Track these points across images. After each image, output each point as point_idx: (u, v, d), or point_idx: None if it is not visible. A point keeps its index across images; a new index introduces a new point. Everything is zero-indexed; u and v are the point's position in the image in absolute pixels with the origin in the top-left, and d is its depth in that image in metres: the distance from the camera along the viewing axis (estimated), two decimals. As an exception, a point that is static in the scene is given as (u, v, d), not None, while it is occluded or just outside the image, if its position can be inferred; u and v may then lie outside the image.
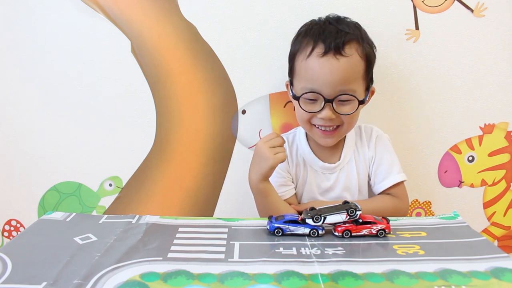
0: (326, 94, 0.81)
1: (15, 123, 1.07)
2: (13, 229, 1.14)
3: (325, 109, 0.82)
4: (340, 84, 0.81)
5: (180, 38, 1.02)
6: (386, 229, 0.64)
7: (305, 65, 0.83)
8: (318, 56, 0.81)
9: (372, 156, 0.93)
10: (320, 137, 0.87)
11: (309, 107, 0.84)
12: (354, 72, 0.82)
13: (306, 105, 0.84)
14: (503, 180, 1.09)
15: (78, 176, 1.10)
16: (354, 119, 0.86)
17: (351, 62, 0.81)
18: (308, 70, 0.83)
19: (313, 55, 0.82)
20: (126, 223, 0.68)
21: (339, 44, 0.81)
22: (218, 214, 1.11)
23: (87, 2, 1.00)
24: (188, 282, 0.50)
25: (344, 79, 0.81)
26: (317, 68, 0.81)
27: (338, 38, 0.81)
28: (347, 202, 0.68)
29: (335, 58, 0.80)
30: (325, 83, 0.81)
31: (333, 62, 0.80)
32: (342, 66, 0.80)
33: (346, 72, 0.81)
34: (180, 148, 1.08)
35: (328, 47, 0.80)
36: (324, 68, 0.81)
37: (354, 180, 0.92)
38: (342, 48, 0.81)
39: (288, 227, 0.64)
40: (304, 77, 0.84)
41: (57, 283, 0.49)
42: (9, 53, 1.04)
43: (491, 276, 0.51)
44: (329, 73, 0.80)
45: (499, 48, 1.02)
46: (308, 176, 0.93)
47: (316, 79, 0.82)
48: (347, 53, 0.81)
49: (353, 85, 0.82)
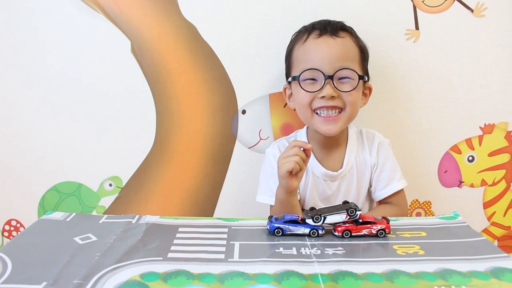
0: (325, 70, 0.82)
1: (15, 123, 1.07)
2: (13, 229, 1.14)
3: (326, 86, 0.82)
4: (338, 60, 0.83)
5: (180, 38, 1.02)
6: (386, 229, 0.64)
7: (303, 49, 0.86)
8: (315, 38, 0.85)
9: (375, 163, 0.92)
10: (323, 123, 0.86)
11: (310, 87, 0.84)
12: (351, 52, 0.86)
13: (306, 86, 0.85)
14: (503, 180, 1.09)
15: (78, 176, 1.10)
16: (356, 101, 0.86)
17: (347, 43, 0.85)
18: (306, 52, 0.86)
19: (309, 39, 0.86)
20: (126, 223, 0.68)
21: (334, 28, 0.86)
22: (218, 214, 1.11)
23: (87, 2, 1.00)
24: (188, 282, 0.50)
25: (342, 55, 0.83)
26: (314, 47, 0.85)
27: (332, 24, 0.87)
28: (347, 202, 0.68)
29: (331, 38, 0.84)
30: (324, 59, 0.83)
31: (329, 40, 0.84)
32: (339, 44, 0.84)
33: (343, 50, 0.84)
34: (180, 148, 1.08)
35: (324, 30, 0.85)
36: (322, 46, 0.84)
37: (353, 188, 0.91)
38: (336, 31, 0.85)
39: (288, 227, 0.64)
40: (302, 60, 0.86)
41: (57, 283, 0.49)
42: (9, 53, 1.04)
43: (491, 276, 0.51)
44: (326, 49, 0.84)
45: (499, 48, 1.02)
46: (309, 182, 0.92)
47: (314, 57, 0.84)
48: (342, 35, 0.85)
49: (351, 64, 0.84)
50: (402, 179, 0.92)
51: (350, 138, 0.93)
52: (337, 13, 0.99)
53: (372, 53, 0.95)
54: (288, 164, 0.77)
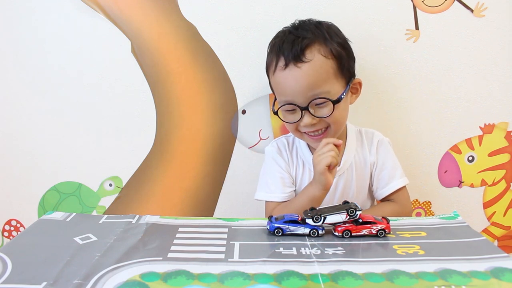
0: (299, 102, 0.82)
1: (15, 123, 1.07)
2: (13, 229, 1.14)
3: (304, 116, 0.82)
4: (309, 90, 0.80)
5: (180, 38, 1.02)
6: (386, 229, 0.64)
7: (274, 80, 0.86)
8: (281, 70, 0.82)
9: (374, 161, 0.92)
10: (312, 142, 0.88)
11: (290, 118, 0.85)
12: (322, 74, 0.81)
13: (287, 117, 0.86)
14: (503, 180, 1.09)
15: (78, 176, 1.10)
16: (339, 118, 0.85)
17: (315, 65, 0.81)
18: (277, 84, 0.85)
19: (277, 70, 0.84)
20: (126, 223, 0.68)
21: (297, 52, 0.80)
22: (218, 214, 1.11)
23: (87, 2, 1.00)
24: (188, 282, 0.50)
25: (311, 84, 0.80)
26: (283, 81, 0.83)
27: (296, 45, 0.81)
28: (347, 202, 0.68)
29: (297, 67, 0.80)
30: (294, 92, 0.81)
31: (295, 71, 0.81)
32: (306, 72, 0.80)
33: (312, 77, 0.80)
34: (180, 148, 1.08)
35: (287, 58, 0.81)
36: (288, 79, 0.82)
37: (352, 186, 0.91)
38: (302, 55, 0.80)
39: (288, 227, 0.64)
40: (277, 92, 0.87)
41: (57, 283, 0.49)
42: (9, 53, 1.04)
43: (491, 276, 0.51)
44: (294, 83, 0.81)
45: (499, 48, 1.02)
46: (307, 180, 0.92)
47: (285, 91, 0.83)
48: (308, 58, 0.80)
49: (324, 87, 0.81)
50: (404, 177, 0.92)
51: (349, 137, 0.93)
52: (337, 13, 0.99)
53: (372, 53, 0.95)
54: (326, 159, 0.78)
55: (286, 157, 0.94)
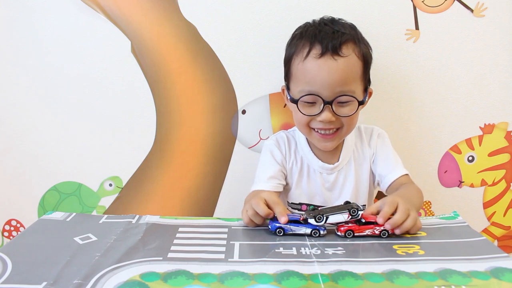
0: (325, 96, 0.80)
1: (15, 123, 1.07)
2: (13, 229, 1.14)
3: (325, 111, 0.80)
4: (338, 85, 0.79)
5: (180, 38, 1.02)
6: (389, 230, 0.64)
7: (302, 68, 0.82)
8: (316, 58, 0.80)
9: (373, 153, 0.92)
10: (319, 141, 0.86)
11: (308, 110, 0.82)
12: (352, 72, 0.81)
13: (304, 108, 0.83)
14: (503, 180, 1.09)
15: (78, 176, 1.10)
16: (354, 120, 0.85)
17: (349, 62, 0.80)
18: (306, 72, 0.81)
19: (310, 57, 0.80)
20: (126, 223, 0.68)
21: (336, 45, 0.79)
22: (218, 214, 1.11)
23: (87, 2, 1.00)
24: (188, 282, 0.50)
25: (343, 80, 0.79)
26: (315, 69, 0.80)
27: (335, 38, 0.80)
28: (349, 202, 0.68)
29: (333, 59, 0.79)
30: (324, 84, 0.79)
31: (331, 63, 0.79)
32: (340, 66, 0.79)
33: (344, 73, 0.79)
34: (180, 148, 1.08)
35: (326, 47, 0.79)
36: (322, 69, 0.79)
37: (352, 181, 0.91)
38: (339, 49, 0.79)
39: (290, 227, 0.64)
40: (301, 80, 0.82)
41: (57, 283, 0.49)
42: (9, 53, 1.04)
43: (491, 276, 0.51)
44: (327, 74, 0.79)
45: (499, 48, 1.02)
46: (305, 175, 0.92)
47: (314, 81, 0.80)
48: (345, 54, 0.80)
49: (352, 86, 0.81)
50: (404, 168, 0.90)
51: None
52: (336, 13, 0.99)
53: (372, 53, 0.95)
54: (245, 218, 0.70)
55: (284, 151, 0.93)
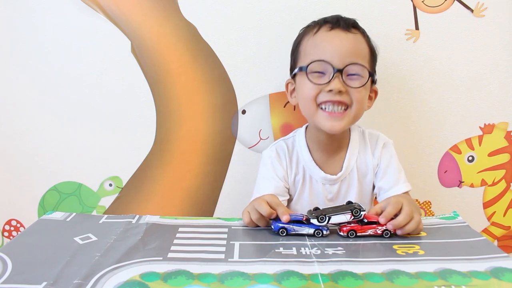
0: (335, 63, 0.79)
1: (15, 123, 1.07)
2: (13, 229, 1.14)
3: (334, 80, 0.78)
4: (349, 55, 0.80)
5: (180, 38, 1.02)
6: (391, 230, 0.64)
7: (312, 41, 0.84)
8: (326, 31, 0.83)
9: (377, 164, 0.89)
10: (327, 119, 0.81)
11: (317, 80, 0.80)
12: (362, 49, 0.84)
13: (313, 78, 0.81)
14: (503, 180, 1.09)
15: (78, 176, 1.10)
16: (363, 100, 0.83)
17: (358, 39, 0.83)
18: (316, 44, 0.83)
19: (320, 31, 0.83)
20: (126, 223, 0.68)
21: (346, 22, 0.83)
22: (218, 214, 1.11)
23: (87, 2, 1.00)
24: (188, 282, 0.50)
25: (353, 50, 0.81)
26: (326, 39, 0.82)
27: (344, 19, 0.85)
28: (351, 202, 0.68)
29: (344, 32, 0.82)
30: (334, 52, 0.80)
31: (341, 34, 0.82)
32: (350, 39, 0.82)
33: (354, 45, 0.82)
34: (180, 148, 1.08)
35: (336, 23, 0.83)
36: (333, 39, 0.82)
37: (354, 191, 0.89)
38: (349, 27, 0.83)
39: (293, 227, 0.64)
40: (311, 52, 0.83)
41: (57, 283, 0.49)
42: (9, 53, 1.04)
43: (491, 276, 0.51)
44: (338, 42, 0.81)
45: (499, 48, 1.02)
46: (307, 187, 0.89)
47: (324, 50, 0.81)
48: (354, 32, 0.83)
49: (362, 61, 0.82)
50: (407, 182, 0.89)
51: (352, 140, 0.90)
52: (336, 13, 0.99)
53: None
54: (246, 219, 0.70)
55: (285, 164, 0.90)
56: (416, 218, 0.66)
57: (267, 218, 0.69)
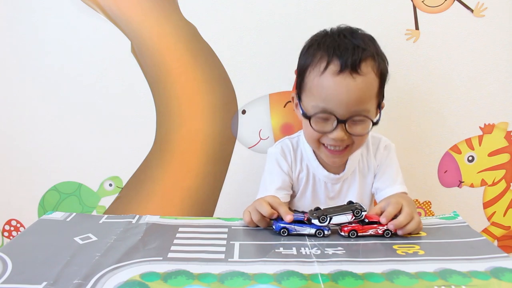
0: (339, 114, 0.76)
1: (15, 123, 1.07)
2: (13, 229, 1.14)
3: (337, 129, 0.77)
4: (354, 104, 0.75)
5: (180, 38, 1.02)
6: (392, 230, 0.64)
7: (319, 83, 0.77)
8: (334, 74, 0.75)
9: (378, 165, 0.90)
10: (328, 156, 0.83)
11: (321, 127, 0.79)
12: (369, 91, 0.77)
13: (317, 125, 0.79)
14: (503, 180, 1.09)
15: (78, 176, 1.10)
16: (365, 138, 0.82)
17: (367, 81, 0.76)
18: (322, 88, 0.77)
19: (327, 73, 0.76)
20: (126, 223, 0.68)
21: (356, 61, 0.74)
22: (218, 214, 1.11)
23: (87, 2, 1.00)
24: (188, 282, 0.50)
25: (360, 99, 0.76)
26: (332, 87, 0.76)
27: (355, 54, 0.75)
28: (352, 202, 0.68)
29: (351, 77, 0.75)
30: (340, 103, 0.75)
31: (349, 81, 0.75)
32: (358, 86, 0.75)
33: (361, 92, 0.76)
34: (180, 148, 1.08)
35: (345, 64, 0.74)
36: (340, 87, 0.75)
37: (355, 191, 0.90)
38: (358, 66, 0.75)
39: (294, 227, 0.64)
40: (316, 95, 0.78)
41: (57, 283, 0.49)
42: (9, 53, 1.04)
43: (491, 276, 0.51)
44: (345, 93, 0.75)
45: (499, 48, 1.02)
46: (310, 185, 0.90)
47: (330, 98, 0.76)
48: (364, 72, 0.75)
49: (368, 105, 0.78)
50: (403, 184, 0.89)
51: None
52: (337, 13, 0.99)
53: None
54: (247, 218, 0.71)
55: (290, 160, 0.91)
56: (416, 218, 0.66)
57: (267, 219, 0.69)
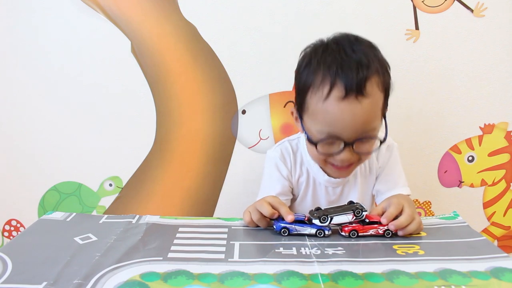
0: (346, 137, 0.72)
1: (15, 123, 1.07)
2: (13, 229, 1.14)
3: (344, 151, 0.73)
4: (361, 127, 0.72)
5: (180, 38, 1.02)
6: (392, 230, 0.64)
7: (323, 108, 0.72)
8: (338, 100, 0.70)
9: (380, 166, 0.89)
10: (335, 172, 0.81)
11: (327, 149, 0.75)
12: (375, 110, 0.74)
13: (323, 148, 0.75)
14: (503, 180, 1.09)
15: (78, 176, 1.10)
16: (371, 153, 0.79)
17: (373, 101, 0.72)
18: (327, 114, 0.72)
19: (332, 98, 0.71)
20: (126, 223, 0.68)
21: (360, 83, 0.69)
22: (218, 214, 1.11)
23: (87, 2, 1.00)
24: (188, 282, 0.50)
25: (366, 121, 0.72)
26: (337, 113, 0.71)
27: (359, 73, 0.70)
28: (352, 202, 0.68)
29: (357, 101, 0.70)
30: (346, 127, 0.72)
31: (355, 105, 0.70)
32: (365, 108, 0.71)
33: (368, 114, 0.72)
34: (180, 148, 1.08)
35: (350, 87, 0.69)
36: (345, 113, 0.71)
37: (356, 194, 0.88)
38: (364, 87, 0.70)
39: (295, 227, 0.64)
40: (321, 121, 0.74)
41: (57, 283, 0.49)
42: (9, 53, 1.04)
43: (491, 276, 0.51)
44: (351, 117, 0.71)
45: (499, 48, 1.02)
46: (311, 189, 0.89)
47: (336, 124, 0.72)
48: (369, 92, 0.70)
49: (374, 124, 0.75)
50: (406, 186, 0.88)
51: None
52: (337, 14, 0.99)
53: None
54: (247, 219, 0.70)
55: (289, 165, 0.89)
56: (417, 219, 0.66)
57: (268, 219, 0.69)
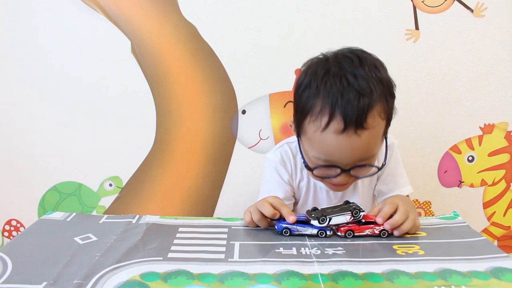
0: (343, 165, 0.71)
1: (16, 123, 1.07)
2: (13, 229, 1.14)
3: (341, 175, 0.72)
4: (359, 155, 0.71)
5: (180, 38, 1.02)
6: (388, 230, 0.64)
7: (320, 138, 0.71)
8: (336, 133, 0.68)
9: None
10: (331, 187, 0.80)
11: (323, 173, 0.75)
12: (376, 140, 0.72)
13: (319, 172, 0.75)
14: (503, 180, 1.09)
15: (78, 176, 1.10)
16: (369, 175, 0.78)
17: (374, 132, 0.69)
18: (324, 144, 0.71)
19: (329, 130, 0.68)
20: (126, 223, 0.68)
21: (361, 117, 0.66)
22: (218, 214, 1.11)
23: (87, 3, 1.00)
24: (188, 282, 0.50)
25: (365, 151, 0.71)
26: (335, 145, 0.69)
27: (360, 106, 0.66)
28: (348, 202, 0.68)
29: (356, 134, 0.67)
30: (344, 158, 0.71)
31: (353, 139, 0.68)
32: (364, 140, 0.69)
33: (367, 145, 0.70)
34: (180, 148, 1.08)
35: (349, 121, 0.66)
36: (343, 145, 0.69)
37: (357, 197, 0.88)
38: (364, 121, 0.67)
39: (296, 228, 0.64)
40: (318, 149, 0.72)
41: (57, 283, 0.49)
42: (9, 53, 1.04)
43: (491, 276, 0.51)
44: (349, 149, 0.69)
45: (499, 48, 1.02)
46: (311, 193, 0.88)
47: (333, 154, 0.71)
48: (369, 125, 0.68)
49: (373, 151, 0.73)
50: (408, 185, 0.87)
51: None
52: (337, 14, 0.99)
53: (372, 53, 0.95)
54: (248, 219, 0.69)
55: (290, 169, 0.87)
56: (412, 217, 0.65)
57: (268, 219, 0.69)
